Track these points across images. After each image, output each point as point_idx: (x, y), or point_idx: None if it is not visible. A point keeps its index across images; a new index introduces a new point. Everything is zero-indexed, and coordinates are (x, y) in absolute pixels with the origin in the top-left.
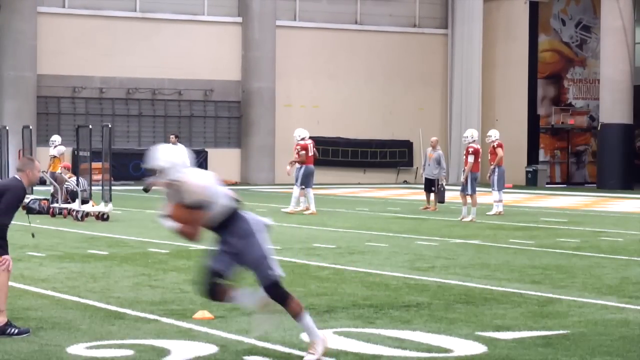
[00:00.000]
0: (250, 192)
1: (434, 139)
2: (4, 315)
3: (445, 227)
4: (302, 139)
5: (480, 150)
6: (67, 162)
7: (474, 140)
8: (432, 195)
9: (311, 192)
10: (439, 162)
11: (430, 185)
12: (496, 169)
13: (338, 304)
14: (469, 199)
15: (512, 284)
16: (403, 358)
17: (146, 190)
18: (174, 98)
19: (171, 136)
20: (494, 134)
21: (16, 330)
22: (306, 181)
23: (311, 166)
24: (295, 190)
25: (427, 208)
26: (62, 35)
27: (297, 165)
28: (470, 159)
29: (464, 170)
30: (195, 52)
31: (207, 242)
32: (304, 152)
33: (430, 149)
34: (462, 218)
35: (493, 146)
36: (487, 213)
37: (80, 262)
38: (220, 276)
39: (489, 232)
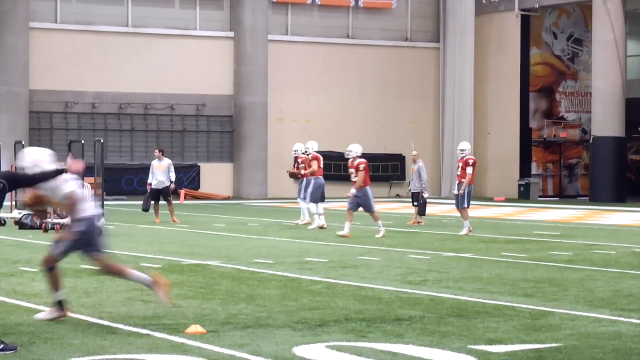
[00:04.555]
0: (242, 207)
1: (414, 153)
2: None
3: (437, 241)
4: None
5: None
6: None
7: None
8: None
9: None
10: (419, 175)
11: (414, 198)
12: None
13: (330, 317)
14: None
15: (504, 297)
16: None
17: None
18: (166, 113)
19: (156, 151)
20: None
21: (1, 346)
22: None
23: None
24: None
25: (414, 222)
26: (54, 50)
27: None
28: (469, 170)
29: (459, 183)
30: (187, 66)
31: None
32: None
33: (413, 164)
34: (467, 233)
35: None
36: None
37: (72, 277)
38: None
39: (481, 246)
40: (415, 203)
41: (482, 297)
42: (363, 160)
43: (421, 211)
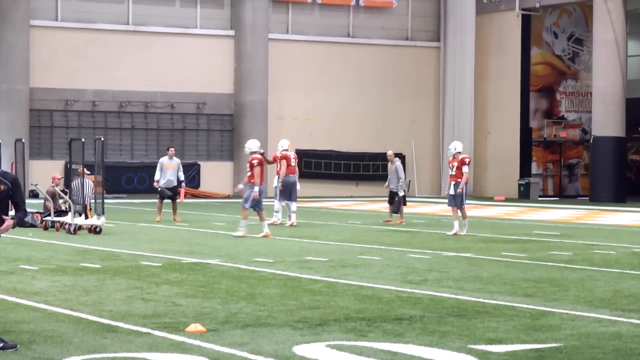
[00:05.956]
0: None
1: (389, 153)
2: None
3: (437, 240)
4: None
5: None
6: (60, 174)
7: (459, 152)
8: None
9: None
10: (397, 174)
11: (391, 197)
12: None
13: (330, 317)
14: (459, 212)
15: (504, 297)
16: None
17: None
18: (167, 111)
19: (171, 149)
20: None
21: (1, 344)
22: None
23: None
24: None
25: (388, 221)
26: (54, 48)
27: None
28: (466, 169)
29: (456, 183)
30: (187, 65)
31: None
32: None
33: (389, 163)
34: (456, 232)
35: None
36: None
37: (72, 275)
38: None
39: (481, 245)
40: (390, 200)
41: (482, 297)
42: (258, 156)
43: (395, 209)
